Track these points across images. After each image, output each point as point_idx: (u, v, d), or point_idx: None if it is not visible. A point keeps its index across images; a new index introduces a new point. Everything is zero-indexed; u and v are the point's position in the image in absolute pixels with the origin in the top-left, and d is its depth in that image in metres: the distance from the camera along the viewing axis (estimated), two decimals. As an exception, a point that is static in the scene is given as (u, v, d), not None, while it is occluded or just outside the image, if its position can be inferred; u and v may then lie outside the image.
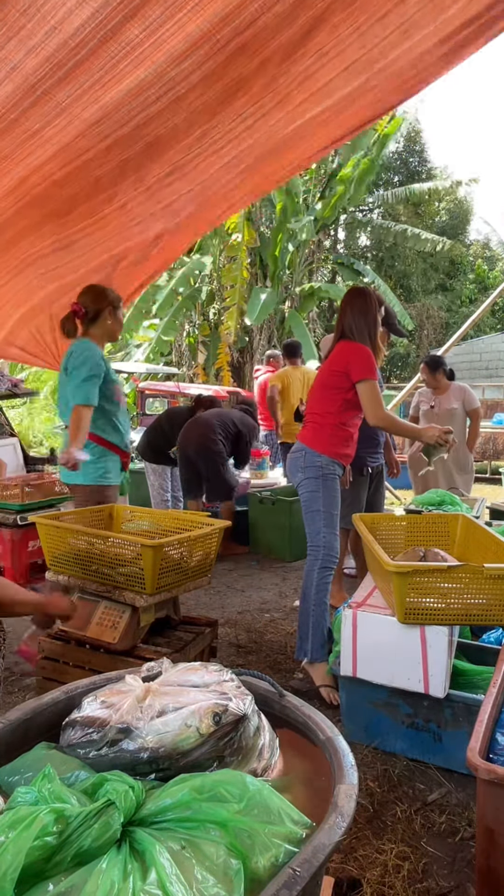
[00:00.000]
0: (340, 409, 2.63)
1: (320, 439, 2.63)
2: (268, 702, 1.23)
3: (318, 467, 2.61)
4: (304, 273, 14.12)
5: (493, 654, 2.33)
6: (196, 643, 2.37)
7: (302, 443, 2.70)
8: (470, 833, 1.72)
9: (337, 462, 2.64)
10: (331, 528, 2.60)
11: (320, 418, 2.66)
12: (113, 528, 2.80)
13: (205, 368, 13.55)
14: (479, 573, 1.94)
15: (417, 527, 2.75)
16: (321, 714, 1.16)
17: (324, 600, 2.57)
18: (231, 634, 3.21)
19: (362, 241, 18.79)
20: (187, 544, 2.30)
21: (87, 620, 2.26)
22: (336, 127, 2.85)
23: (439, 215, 19.74)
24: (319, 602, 2.56)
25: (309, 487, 2.63)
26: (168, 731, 1.00)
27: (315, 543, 2.61)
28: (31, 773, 1.01)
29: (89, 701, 1.12)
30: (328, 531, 2.59)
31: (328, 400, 2.65)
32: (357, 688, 2.15)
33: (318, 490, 2.60)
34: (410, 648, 2.01)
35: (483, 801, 1.18)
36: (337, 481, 2.65)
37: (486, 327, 18.23)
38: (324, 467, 2.61)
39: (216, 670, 1.17)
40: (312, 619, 2.55)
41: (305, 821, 0.89)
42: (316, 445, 2.63)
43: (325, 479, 2.60)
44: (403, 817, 1.81)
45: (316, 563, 2.60)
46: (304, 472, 2.65)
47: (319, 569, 2.58)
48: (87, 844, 0.80)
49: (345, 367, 2.57)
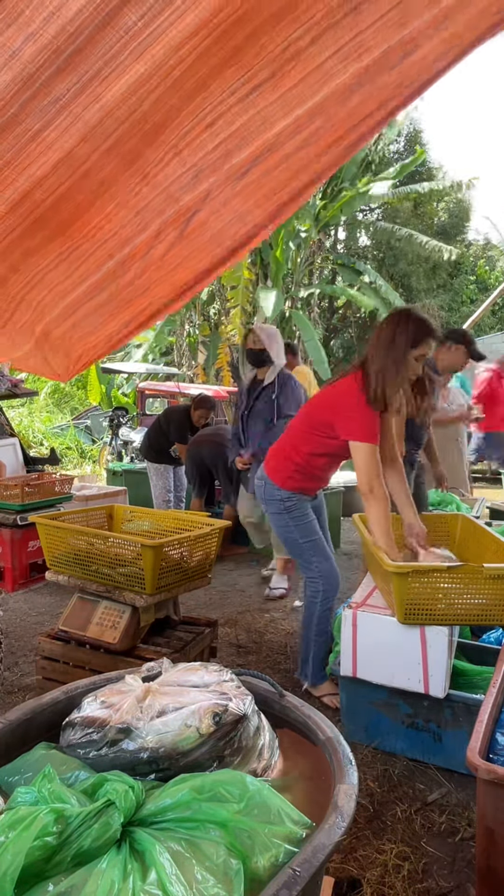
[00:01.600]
0: (314, 453, 2.35)
1: (281, 474, 2.41)
2: (268, 702, 1.23)
3: (278, 501, 2.42)
4: (304, 273, 14.12)
5: (493, 654, 2.33)
6: (196, 643, 2.37)
7: (265, 472, 2.48)
8: (470, 833, 1.72)
9: (299, 494, 2.42)
10: (320, 555, 2.44)
11: (290, 450, 2.40)
12: (113, 528, 2.81)
13: (205, 368, 13.54)
14: (479, 573, 1.94)
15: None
16: (321, 714, 1.16)
17: (326, 630, 2.46)
18: (231, 634, 3.21)
19: (362, 241, 18.77)
20: (187, 544, 2.30)
21: (87, 620, 2.26)
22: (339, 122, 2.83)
23: (438, 215, 19.72)
24: (321, 632, 2.46)
25: (278, 522, 2.46)
26: (168, 731, 1.00)
27: (311, 576, 2.45)
28: (31, 773, 1.01)
29: (89, 701, 1.12)
30: (319, 559, 2.43)
31: (306, 437, 2.35)
32: (357, 688, 2.15)
33: (287, 524, 2.43)
34: (410, 648, 2.01)
35: (483, 801, 1.18)
36: (304, 507, 2.44)
37: (486, 327, 18.23)
38: (284, 501, 2.41)
39: (216, 670, 1.17)
40: (314, 649, 2.46)
41: (305, 821, 0.89)
42: (276, 479, 2.42)
43: (289, 511, 2.41)
44: (403, 817, 1.81)
45: (317, 594, 2.44)
46: (267, 505, 2.48)
47: (321, 601, 2.44)
48: (87, 844, 0.80)
49: (333, 419, 2.25)
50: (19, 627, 3.36)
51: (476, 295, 19.36)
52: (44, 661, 2.35)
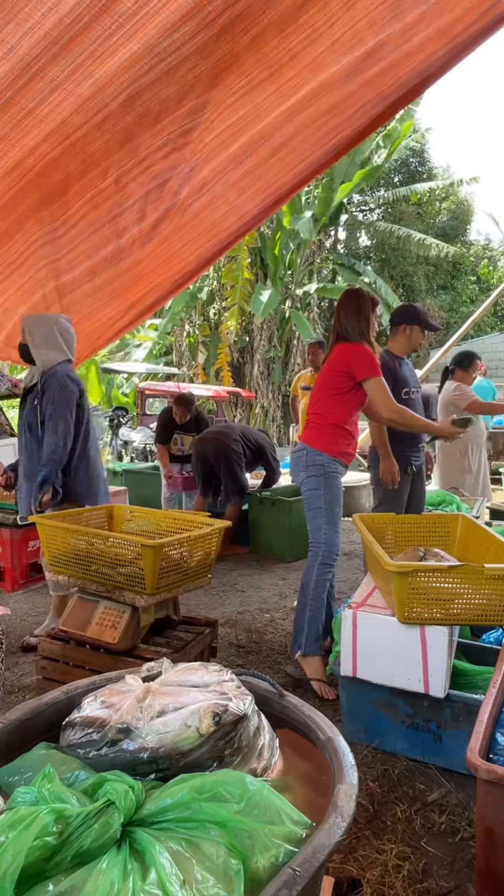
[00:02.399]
0: (341, 409, 2.69)
1: (321, 439, 2.69)
2: (268, 702, 1.23)
3: (319, 465, 2.66)
4: (304, 273, 14.12)
5: (493, 654, 2.33)
6: (196, 643, 2.37)
7: (304, 443, 2.76)
8: (470, 833, 1.72)
9: (338, 461, 2.69)
10: (332, 525, 2.65)
11: (321, 418, 2.72)
12: (113, 528, 2.81)
13: (205, 368, 13.55)
14: (479, 573, 1.94)
15: (417, 527, 2.75)
16: (321, 714, 1.16)
17: (321, 596, 2.63)
18: (231, 634, 3.21)
19: (363, 241, 18.78)
20: (187, 544, 2.30)
21: (87, 620, 2.26)
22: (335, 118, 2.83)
23: (440, 215, 19.73)
24: (317, 597, 2.63)
25: (311, 485, 2.69)
26: (168, 731, 1.00)
27: (316, 540, 2.67)
28: (31, 773, 1.01)
29: (89, 701, 1.12)
30: (329, 528, 2.65)
31: (329, 400, 2.71)
32: (357, 688, 2.15)
33: (319, 488, 2.66)
34: (410, 648, 2.01)
35: (483, 801, 1.18)
36: (338, 479, 2.70)
37: (486, 327, 18.23)
38: (325, 465, 2.66)
39: (216, 670, 1.17)
40: (309, 614, 2.62)
41: (305, 821, 0.89)
42: (317, 445, 2.69)
43: (326, 477, 2.66)
44: (403, 817, 1.81)
45: (316, 559, 2.65)
46: (307, 470, 2.71)
47: (319, 565, 2.64)
48: (87, 844, 0.80)
49: (346, 368, 2.64)
50: (19, 627, 3.36)
51: (476, 295, 19.37)
52: (44, 661, 2.35)
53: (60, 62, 1.90)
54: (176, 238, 3.50)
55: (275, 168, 3.12)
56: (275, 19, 1.96)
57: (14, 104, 2.04)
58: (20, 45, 1.76)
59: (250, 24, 1.96)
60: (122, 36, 1.86)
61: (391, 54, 2.36)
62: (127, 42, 1.89)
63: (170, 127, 2.50)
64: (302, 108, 2.63)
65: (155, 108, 2.32)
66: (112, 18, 1.76)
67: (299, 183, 3.46)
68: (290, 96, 2.50)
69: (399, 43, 2.31)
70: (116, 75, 2.05)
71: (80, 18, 1.72)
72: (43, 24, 1.69)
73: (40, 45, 1.78)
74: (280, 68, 2.26)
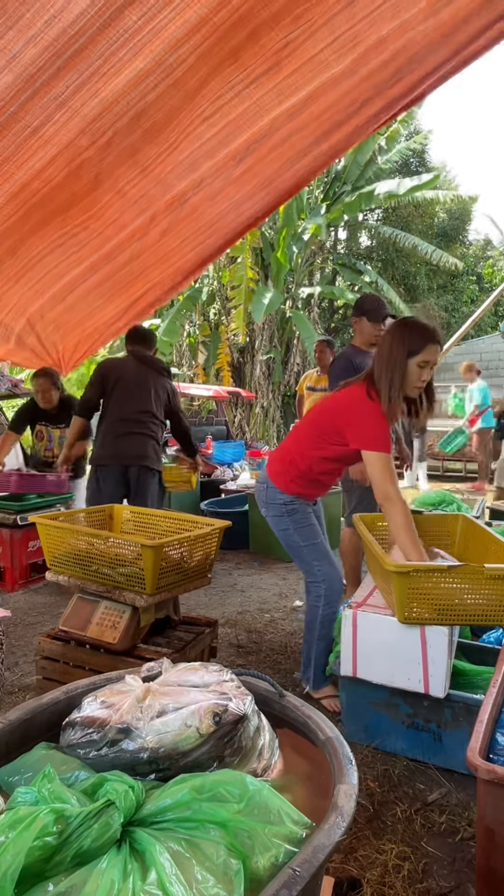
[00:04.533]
0: (322, 458, 2.34)
1: (285, 479, 2.39)
2: (268, 702, 1.23)
3: (280, 505, 2.41)
4: (304, 274, 14.12)
5: (493, 654, 2.33)
6: (196, 643, 2.37)
7: (267, 475, 2.47)
8: (470, 833, 1.72)
9: (300, 499, 2.42)
10: (323, 558, 2.42)
11: (295, 456, 2.37)
12: (113, 528, 2.81)
13: (205, 368, 13.54)
14: (480, 573, 1.94)
15: (417, 527, 2.74)
16: (321, 714, 1.16)
17: (328, 634, 2.45)
18: (231, 634, 3.21)
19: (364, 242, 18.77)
20: (187, 544, 2.30)
21: (87, 620, 2.26)
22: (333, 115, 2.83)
23: (438, 216, 19.72)
24: (324, 637, 2.45)
25: (279, 526, 2.44)
26: (168, 731, 1.00)
27: (314, 579, 2.44)
28: (31, 773, 1.01)
29: (89, 701, 1.12)
30: (322, 563, 2.42)
31: (313, 442, 2.33)
32: (357, 688, 2.15)
33: (288, 528, 2.41)
34: (410, 648, 2.01)
35: (483, 801, 1.18)
36: (306, 509, 2.43)
37: (486, 327, 18.22)
38: (286, 504, 2.40)
39: (216, 670, 1.17)
40: (316, 653, 2.46)
41: (305, 821, 0.89)
42: (279, 483, 2.40)
43: (290, 514, 2.40)
44: (403, 817, 1.81)
45: (320, 599, 2.42)
46: (267, 508, 2.46)
47: (324, 605, 2.42)
48: (87, 844, 0.80)
49: (343, 428, 2.24)
50: (19, 627, 3.36)
51: (477, 295, 19.37)
52: (44, 661, 2.35)
53: (65, 77, 1.88)
54: (174, 233, 3.50)
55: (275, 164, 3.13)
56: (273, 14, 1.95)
57: (18, 120, 2.02)
58: (23, 54, 1.74)
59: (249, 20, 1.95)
60: (128, 52, 1.84)
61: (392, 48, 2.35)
62: (133, 59, 1.88)
63: (172, 135, 2.50)
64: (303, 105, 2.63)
65: (161, 121, 2.32)
66: (117, 33, 1.74)
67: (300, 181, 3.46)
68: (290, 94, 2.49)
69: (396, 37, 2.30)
70: (123, 94, 2.04)
71: (83, 31, 1.70)
72: (46, 33, 1.68)
73: (44, 57, 1.77)
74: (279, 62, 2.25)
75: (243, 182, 3.19)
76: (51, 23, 1.65)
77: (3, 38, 1.68)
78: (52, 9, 1.60)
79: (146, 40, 1.81)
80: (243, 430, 13.14)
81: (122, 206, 2.98)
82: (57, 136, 2.15)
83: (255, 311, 11.03)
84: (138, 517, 2.77)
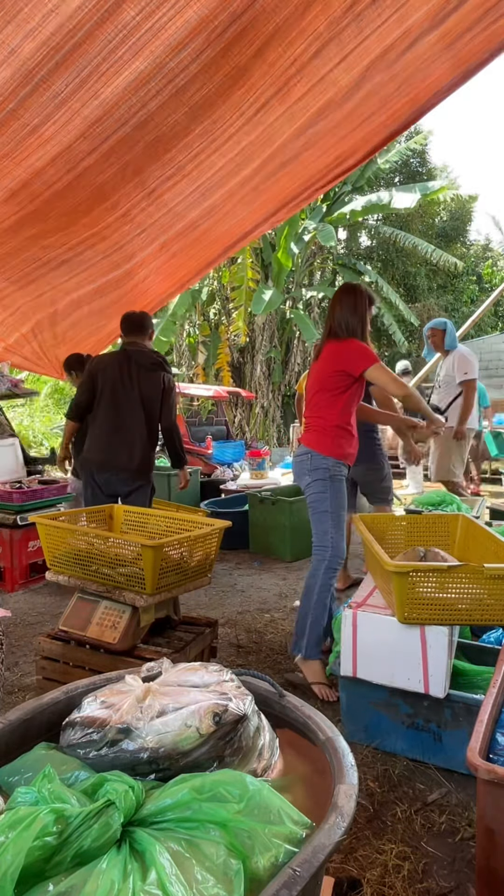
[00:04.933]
0: (341, 410, 2.65)
1: (324, 442, 2.65)
2: (268, 702, 1.23)
3: (324, 469, 2.63)
4: (304, 274, 14.12)
5: (493, 654, 2.33)
6: (196, 643, 2.37)
7: (307, 446, 2.71)
8: (470, 833, 1.72)
9: (342, 463, 2.67)
10: (338, 530, 2.63)
11: (322, 421, 2.68)
12: (113, 528, 2.81)
13: (205, 368, 13.54)
14: (479, 573, 1.94)
15: (417, 527, 2.75)
16: (321, 714, 1.16)
17: (325, 601, 2.59)
18: (231, 634, 3.21)
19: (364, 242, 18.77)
20: (187, 544, 2.30)
21: (88, 620, 2.26)
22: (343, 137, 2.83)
23: (440, 216, 19.73)
24: (321, 602, 2.59)
25: (317, 489, 2.65)
26: (168, 732, 1.00)
27: (323, 544, 2.63)
28: (31, 773, 1.01)
29: (89, 701, 1.12)
30: (335, 532, 2.62)
31: (327, 402, 2.66)
32: (357, 688, 2.15)
33: (325, 491, 2.63)
34: (410, 648, 2.00)
35: (483, 801, 1.18)
36: (343, 483, 2.67)
37: (486, 327, 18.22)
38: (330, 469, 2.63)
39: (216, 670, 1.17)
40: (311, 618, 2.58)
41: (305, 821, 0.89)
42: (321, 448, 2.65)
43: (332, 480, 2.63)
44: (403, 817, 1.81)
45: (322, 563, 2.61)
46: (311, 474, 2.67)
47: (326, 569, 2.60)
48: (87, 844, 0.80)
49: (341, 367, 2.60)
50: (19, 627, 3.36)
51: (477, 295, 19.36)
52: (44, 661, 2.35)
53: (64, 73, 1.87)
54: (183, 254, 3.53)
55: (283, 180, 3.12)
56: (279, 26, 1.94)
57: (17, 118, 2.01)
58: (21, 48, 1.73)
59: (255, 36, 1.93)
60: (127, 51, 1.82)
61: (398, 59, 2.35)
62: (133, 59, 1.86)
63: (179, 156, 2.49)
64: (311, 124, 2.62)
65: (165, 135, 2.31)
66: (115, 28, 1.73)
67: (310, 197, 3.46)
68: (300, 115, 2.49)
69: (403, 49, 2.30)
70: (124, 97, 2.02)
71: (81, 24, 1.69)
72: (44, 27, 1.67)
73: (42, 52, 1.76)
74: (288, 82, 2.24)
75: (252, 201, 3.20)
76: (49, 16, 1.65)
77: (2, 32, 1.67)
78: (49, 2, 1.61)
79: (146, 40, 1.79)
80: (243, 430, 13.14)
81: (129, 231, 2.98)
82: (57, 136, 2.14)
83: (255, 305, 11.04)
84: (138, 517, 2.77)
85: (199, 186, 2.80)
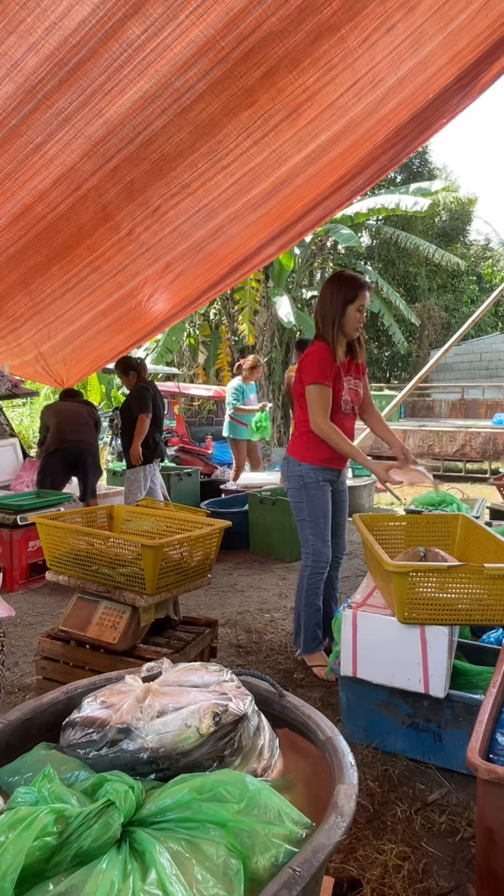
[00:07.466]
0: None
1: (298, 448, 2.67)
2: (268, 702, 1.23)
3: (297, 477, 2.65)
4: (305, 274, 14.12)
5: (493, 654, 2.33)
6: (196, 643, 2.37)
7: (287, 452, 2.77)
8: (470, 833, 1.72)
9: (321, 468, 2.63)
10: (318, 536, 2.68)
11: (297, 427, 2.70)
12: (113, 528, 2.81)
13: (205, 369, 13.55)
14: (479, 573, 1.94)
15: (417, 527, 2.75)
16: (321, 714, 1.16)
17: (314, 602, 2.72)
18: (231, 634, 3.21)
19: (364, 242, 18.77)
20: (187, 544, 2.30)
21: (88, 620, 2.26)
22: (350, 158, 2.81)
23: (440, 216, 19.74)
24: (310, 603, 2.72)
25: (293, 497, 2.71)
26: (168, 731, 1.00)
27: (305, 550, 2.74)
28: (31, 774, 1.01)
29: (89, 701, 1.12)
30: (315, 539, 2.69)
31: (300, 407, 2.65)
32: (357, 688, 2.15)
33: (301, 500, 2.66)
34: (410, 648, 2.00)
35: (483, 801, 1.18)
36: (322, 489, 2.64)
37: (486, 327, 18.22)
38: (304, 476, 2.63)
39: (216, 670, 1.17)
40: (304, 619, 2.73)
41: (305, 821, 0.89)
42: (295, 454, 2.68)
43: (306, 488, 2.64)
44: (403, 817, 1.81)
45: (306, 569, 2.73)
46: (288, 481, 2.73)
47: (310, 574, 2.71)
48: (87, 844, 0.80)
49: (299, 374, 2.59)
50: (19, 627, 3.36)
51: (477, 295, 19.37)
52: (44, 661, 2.35)
53: (67, 91, 1.83)
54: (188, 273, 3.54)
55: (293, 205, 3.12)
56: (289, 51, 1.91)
57: (20, 134, 1.97)
58: (24, 62, 1.69)
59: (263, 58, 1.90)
60: (132, 70, 1.79)
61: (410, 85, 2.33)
62: (138, 78, 1.83)
63: (184, 174, 2.48)
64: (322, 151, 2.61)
65: (170, 154, 2.29)
66: (120, 47, 1.71)
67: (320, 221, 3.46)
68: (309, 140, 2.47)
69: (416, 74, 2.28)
70: (128, 116, 1.99)
71: (85, 41, 1.66)
72: (47, 41, 1.64)
73: (45, 67, 1.72)
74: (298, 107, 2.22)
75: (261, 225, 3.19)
76: (51, 30, 1.61)
77: (4, 44, 1.64)
78: (52, 15, 1.57)
79: (151, 59, 1.77)
80: (243, 430, 13.13)
81: (134, 251, 2.97)
82: (60, 156, 2.09)
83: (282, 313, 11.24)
84: (137, 516, 2.77)
85: (204, 206, 2.78)
